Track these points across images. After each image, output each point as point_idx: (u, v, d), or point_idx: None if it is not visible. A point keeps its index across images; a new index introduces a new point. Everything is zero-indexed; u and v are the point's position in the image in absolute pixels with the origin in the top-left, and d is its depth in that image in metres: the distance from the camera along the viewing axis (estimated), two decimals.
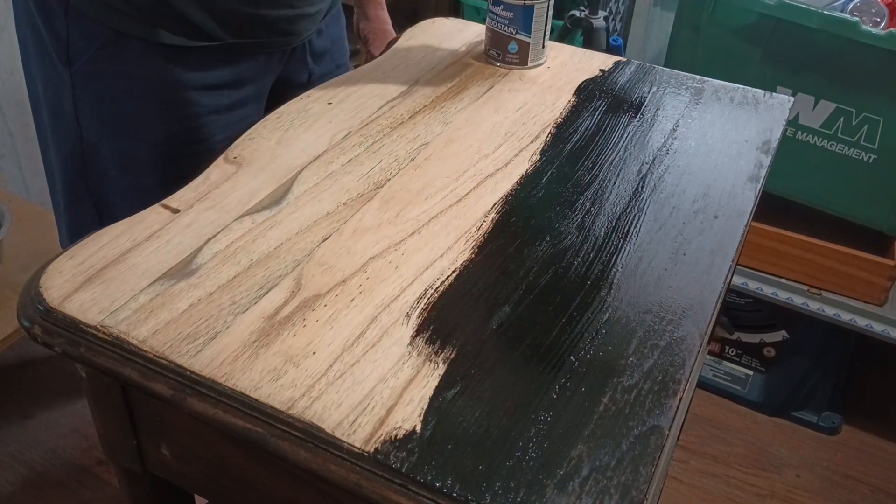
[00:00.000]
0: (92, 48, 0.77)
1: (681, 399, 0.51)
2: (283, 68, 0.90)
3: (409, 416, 0.48)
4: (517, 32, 0.89)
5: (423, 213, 0.66)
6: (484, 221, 0.66)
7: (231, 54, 0.82)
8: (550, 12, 0.90)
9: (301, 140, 0.75)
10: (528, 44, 0.90)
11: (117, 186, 0.83)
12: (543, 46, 0.92)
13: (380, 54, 0.99)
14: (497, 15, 0.89)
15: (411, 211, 0.67)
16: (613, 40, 1.60)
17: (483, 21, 0.95)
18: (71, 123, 0.80)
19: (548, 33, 0.91)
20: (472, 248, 0.63)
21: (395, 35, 1.10)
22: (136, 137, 0.80)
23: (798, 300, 1.48)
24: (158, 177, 0.81)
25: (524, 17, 0.88)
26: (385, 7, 1.12)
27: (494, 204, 0.68)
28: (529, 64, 0.92)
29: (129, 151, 0.81)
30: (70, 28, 0.77)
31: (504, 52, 0.91)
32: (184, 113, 0.81)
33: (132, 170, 0.82)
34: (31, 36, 0.81)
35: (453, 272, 0.60)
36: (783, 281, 1.48)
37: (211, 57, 0.81)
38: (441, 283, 0.59)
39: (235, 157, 0.71)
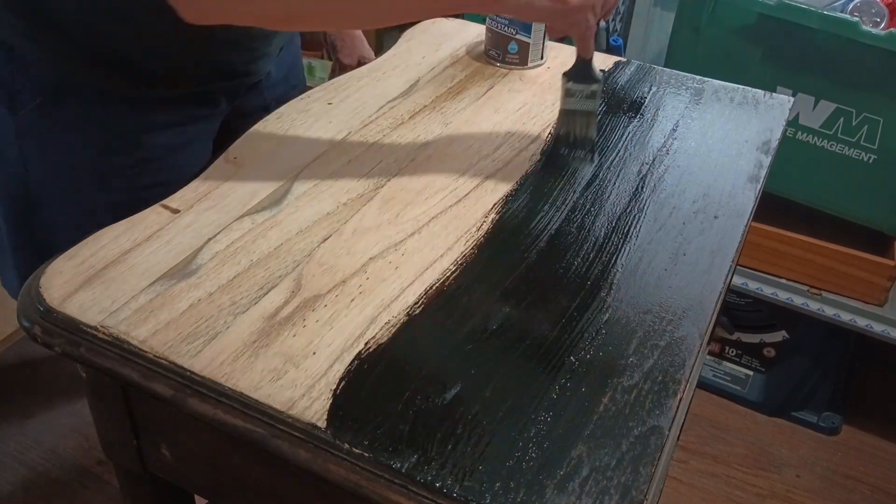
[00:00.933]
0: (37, 96, 0.73)
1: (681, 399, 0.51)
2: (240, 100, 0.87)
3: (409, 418, 0.48)
4: (517, 33, 0.89)
5: (424, 214, 0.66)
6: (484, 222, 0.66)
7: (186, 97, 0.79)
8: None
9: (301, 140, 0.75)
10: (528, 44, 0.90)
11: (63, 227, 0.79)
12: (543, 47, 0.92)
13: (351, 68, 0.98)
14: (497, 15, 0.89)
15: (411, 211, 0.67)
16: (613, 40, 1.59)
17: (483, 22, 0.95)
18: (16, 165, 0.76)
19: (547, 34, 0.91)
20: (473, 248, 0.63)
21: (365, 41, 1.07)
22: (88, 186, 0.77)
23: (798, 300, 1.48)
24: (113, 221, 0.75)
25: None
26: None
27: (494, 204, 0.68)
28: (529, 64, 0.92)
29: (79, 193, 0.78)
30: (15, 74, 0.73)
31: (504, 53, 0.91)
32: (137, 158, 0.78)
33: (82, 209, 0.79)
34: None
35: (453, 272, 0.60)
36: (783, 281, 1.48)
37: (165, 102, 0.78)
38: (441, 284, 0.59)
39: (235, 158, 0.71)
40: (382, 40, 1.97)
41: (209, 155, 0.84)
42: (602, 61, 0.95)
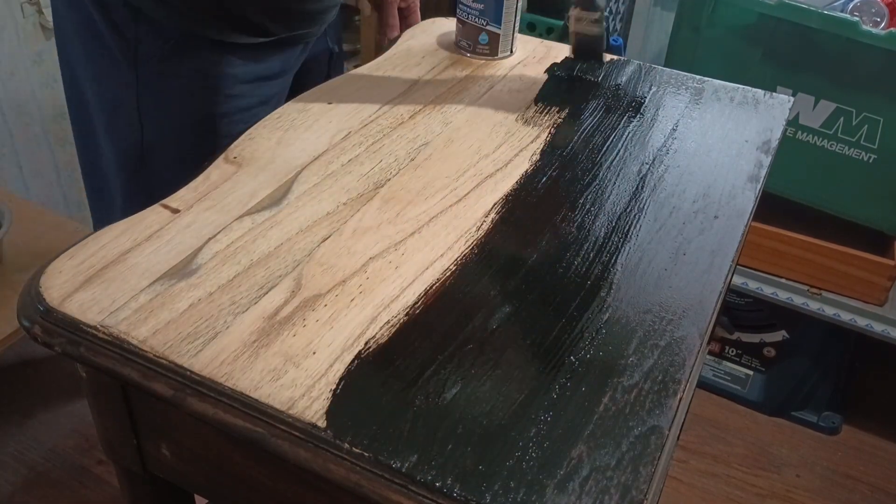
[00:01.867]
0: (161, 50, 0.81)
1: (681, 399, 0.51)
2: (311, 51, 0.97)
3: (409, 417, 0.48)
4: (487, 24, 0.90)
5: (424, 213, 0.66)
6: (484, 221, 0.66)
7: (279, 47, 0.88)
8: (520, 3, 0.91)
9: (301, 140, 0.75)
10: (499, 35, 0.91)
11: (172, 187, 0.83)
12: (513, 38, 0.93)
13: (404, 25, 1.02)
14: (467, 6, 0.91)
15: (411, 211, 0.67)
16: (613, 40, 1.60)
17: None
18: (132, 123, 0.83)
19: (517, 24, 0.93)
20: (473, 248, 0.63)
21: (418, 12, 1.08)
22: (196, 134, 0.85)
23: (798, 300, 1.48)
24: (180, 162, 0.84)
25: (495, 9, 0.90)
26: None
27: (495, 204, 0.68)
28: (499, 55, 0.93)
29: (189, 149, 0.85)
30: (139, 32, 0.80)
31: (475, 44, 0.92)
32: (240, 105, 0.86)
33: (190, 168, 0.83)
34: (86, 35, 0.83)
35: (453, 272, 0.60)
36: (783, 281, 1.48)
37: (262, 51, 0.86)
38: (441, 283, 0.59)
39: (235, 157, 0.71)
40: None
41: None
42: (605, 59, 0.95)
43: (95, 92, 0.86)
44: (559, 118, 0.82)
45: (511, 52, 0.94)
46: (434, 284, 0.59)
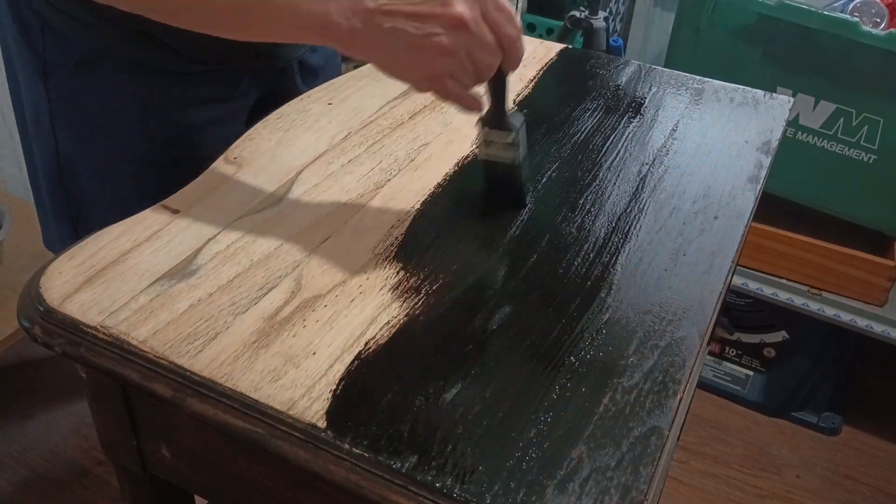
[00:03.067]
0: (68, 64, 0.75)
1: (681, 400, 0.51)
2: (271, 85, 0.86)
3: (409, 418, 0.48)
4: None
5: None
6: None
7: (213, 74, 0.79)
8: (521, 4, 0.90)
9: (301, 140, 0.75)
10: None
11: (94, 199, 0.81)
12: None
13: None
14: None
15: (411, 211, 0.67)
16: (613, 41, 1.60)
17: None
18: (48, 134, 0.79)
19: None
20: (472, 247, 0.63)
21: None
22: (114, 152, 0.78)
23: (798, 300, 1.48)
24: (137, 193, 0.78)
25: None
26: None
27: (495, 204, 0.68)
28: None
29: (107, 166, 0.79)
30: (46, 43, 0.75)
31: None
32: (164, 129, 0.78)
33: (109, 184, 0.80)
34: (13, 46, 0.79)
35: (454, 272, 0.60)
36: (783, 281, 1.48)
37: (191, 76, 0.78)
38: (442, 284, 0.59)
39: (235, 158, 0.71)
40: None
41: (239, 136, 0.82)
42: (599, 57, 0.95)
43: (25, 101, 0.82)
44: (559, 118, 0.82)
45: None
46: (434, 285, 0.59)
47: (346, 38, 0.55)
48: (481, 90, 0.61)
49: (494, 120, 0.64)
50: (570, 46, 0.97)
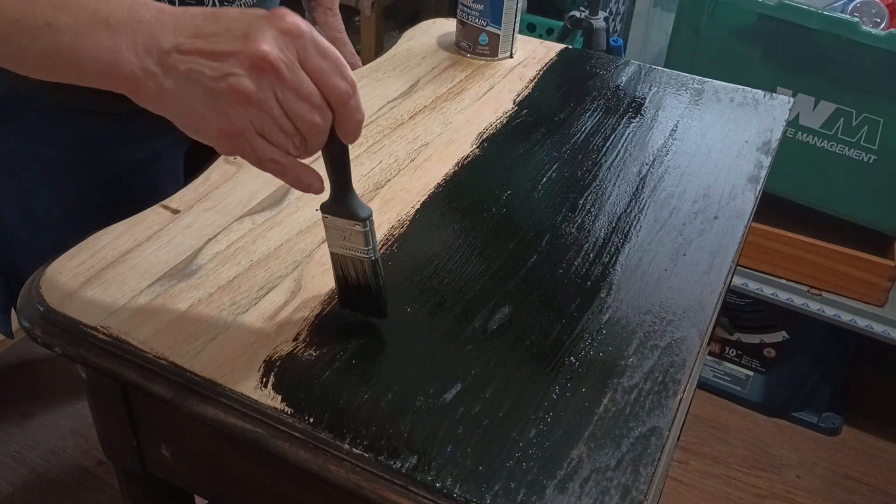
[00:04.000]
0: None
1: (681, 400, 0.51)
2: None
3: (409, 418, 0.48)
4: (487, 24, 0.90)
5: None
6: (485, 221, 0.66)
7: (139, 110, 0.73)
8: (521, 4, 0.91)
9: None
10: (499, 36, 0.91)
11: (27, 247, 0.77)
12: (513, 39, 0.93)
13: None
14: (468, 7, 0.91)
15: (411, 211, 0.67)
16: (613, 41, 1.60)
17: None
18: None
19: (518, 25, 0.93)
20: (474, 247, 0.63)
21: (349, 44, 1.01)
22: (45, 198, 0.74)
23: (798, 301, 1.48)
24: (75, 236, 0.69)
25: (494, 10, 0.90)
26: (337, 13, 0.99)
27: (495, 204, 0.68)
28: (499, 56, 0.93)
29: (42, 213, 0.75)
30: None
31: (475, 44, 0.92)
32: (100, 172, 0.73)
33: (45, 231, 0.76)
34: None
35: (454, 271, 0.60)
36: (783, 281, 1.48)
37: (120, 114, 0.71)
38: (441, 284, 0.59)
39: (235, 158, 0.71)
40: (382, 40, 1.98)
41: (179, 170, 0.80)
42: (599, 58, 0.95)
43: None
44: (559, 119, 0.82)
45: (511, 54, 0.94)
46: (435, 285, 0.59)
47: (138, 82, 0.45)
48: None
49: (336, 205, 0.51)
50: (569, 46, 0.97)
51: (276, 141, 0.45)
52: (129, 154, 0.74)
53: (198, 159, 0.69)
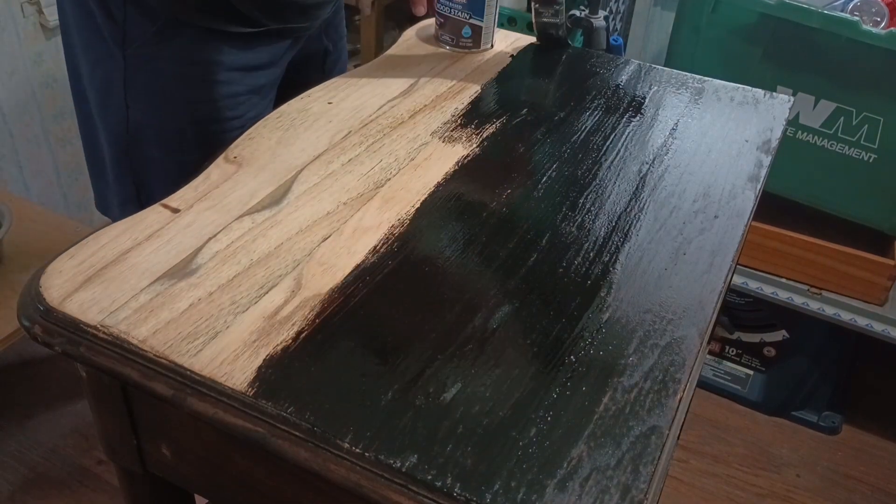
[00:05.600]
0: (147, 33, 0.82)
1: (681, 399, 0.51)
2: (303, 49, 0.97)
3: (409, 417, 0.48)
4: (471, 17, 0.92)
5: None
6: (486, 221, 0.66)
7: (268, 38, 0.89)
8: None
9: (301, 140, 0.75)
10: (482, 28, 0.93)
11: (159, 166, 0.89)
12: (493, 31, 0.95)
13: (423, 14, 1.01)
14: (450, 1, 0.92)
15: (411, 211, 0.67)
16: (613, 40, 1.59)
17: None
18: (119, 103, 0.86)
19: (497, 16, 0.94)
20: (474, 247, 0.63)
21: None
22: (182, 118, 0.86)
23: (798, 300, 1.48)
24: (200, 154, 0.86)
25: (477, 2, 0.91)
26: None
27: (495, 203, 0.68)
28: (482, 47, 0.94)
29: (174, 131, 0.87)
30: (127, 13, 0.82)
31: (458, 37, 0.93)
32: (227, 92, 0.87)
33: (175, 149, 0.88)
34: (83, 20, 0.86)
35: (454, 271, 0.60)
36: (783, 281, 1.48)
37: (252, 41, 0.87)
38: (441, 283, 0.59)
39: (235, 157, 0.71)
40: (382, 39, 1.97)
41: (273, 100, 0.95)
42: (600, 57, 0.95)
43: (89, 71, 0.89)
44: (559, 118, 0.82)
45: (492, 45, 0.96)
46: (435, 284, 0.59)
47: None
48: None
49: None
50: (570, 45, 0.97)
51: None
52: (251, 79, 0.89)
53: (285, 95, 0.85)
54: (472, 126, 0.79)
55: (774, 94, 0.90)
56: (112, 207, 0.96)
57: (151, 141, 0.88)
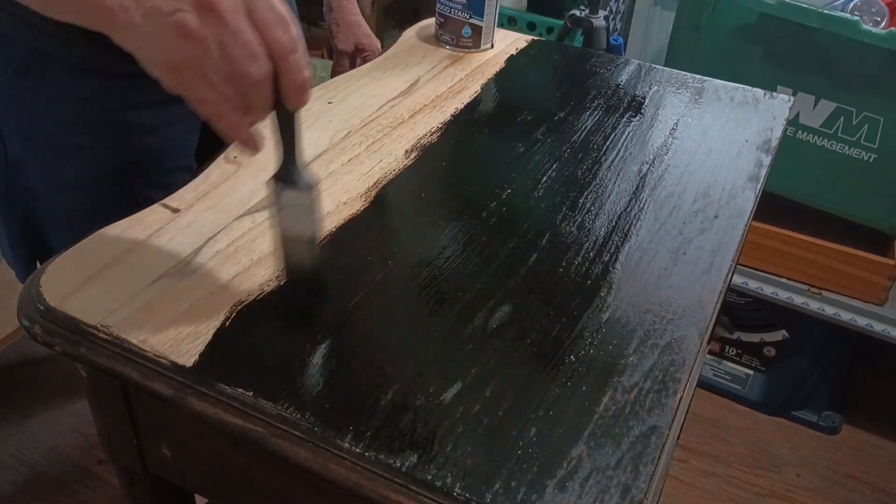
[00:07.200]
0: (10, 68, 0.73)
1: (681, 398, 0.51)
2: None
3: (409, 417, 0.48)
4: (471, 17, 0.92)
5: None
6: (486, 221, 0.66)
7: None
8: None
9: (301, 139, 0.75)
10: (482, 27, 0.93)
11: (46, 205, 0.81)
12: (494, 30, 0.95)
13: (348, 55, 1.01)
14: (450, 1, 0.92)
15: (412, 210, 0.67)
16: (614, 39, 1.59)
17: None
18: None
19: (497, 16, 0.94)
20: (474, 247, 0.63)
21: (364, 26, 1.08)
22: (64, 160, 0.77)
23: (798, 300, 1.48)
24: (90, 200, 0.77)
25: (477, 2, 0.91)
26: None
27: (496, 202, 0.68)
28: (482, 47, 0.95)
29: (57, 173, 0.78)
30: None
31: (458, 37, 0.93)
32: (118, 135, 0.77)
33: (60, 191, 0.79)
34: None
35: (455, 272, 0.60)
36: (783, 280, 1.48)
37: (138, 76, 0.73)
38: (441, 283, 0.59)
39: (235, 157, 0.71)
40: (382, 39, 1.97)
41: (194, 140, 0.83)
42: (601, 56, 0.95)
43: None
44: (560, 118, 0.82)
45: (492, 44, 0.96)
46: (435, 284, 0.59)
47: (115, 15, 0.48)
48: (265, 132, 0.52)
49: (282, 173, 0.54)
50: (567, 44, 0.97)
51: (214, 84, 0.47)
52: (141, 116, 0.77)
53: (211, 147, 0.73)
54: (472, 126, 0.79)
55: (774, 93, 0.90)
56: (6, 251, 0.86)
57: (35, 179, 0.79)
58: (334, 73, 1.06)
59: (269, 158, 0.71)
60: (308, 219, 0.53)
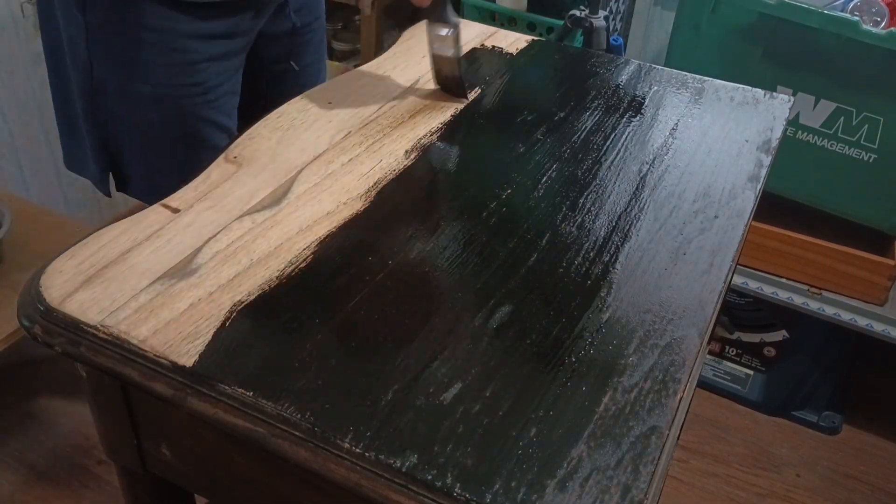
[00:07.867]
0: (107, 2, 0.87)
1: (681, 399, 0.51)
2: (266, 21, 1.00)
3: (409, 417, 0.48)
4: None
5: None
6: (486, 221, 0.66)
7: (227, 9, 0.92)
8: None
9: (301, 139, 0.75)
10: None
11: (123, 123, 0.95)
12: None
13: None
14: None
15: (412, 209, 0.67)
16: (614, 40, 1.59)
17: (483, 20, 0.95)
18: (84, 63, 0.92)
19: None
20: (475, 247, 0.63)
21: None
22: (141, 79, 0.91)
23: (798, 300, 1.48)
24: (160, 115, 0.94)
25: None
26: None
27: (496, 202, 0.68)
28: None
29: (134, 91, 0.92)
30: None
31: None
32: (184, 59, 0.91)
33: (136, 108, 0.93)
34: None
35: (455, 271, 0.60)
36: (783, 280, 1.48)
37: (210, 11, 0.91)
38: (441, 283, 0.59)
39: (235, 157, 0.71)
40: (382, 39, 1.97)
41: (239, 73, 1.00)
42: (601, 57, 0.95)
43: (62, 27, 0.94)
44: (560, 118, 0.82)
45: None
46: (435, 284, 0.59)
47: None
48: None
49: (434, 13, 0.75)
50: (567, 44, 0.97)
51: None
52: (207, 47, 0.93)
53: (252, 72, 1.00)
54: (472, 126, 0.79)
55: (774, 93, 0.90)
56: (80, 161, 1.02)
57: (116, 97, 0.93)
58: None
59: (268, 158, 0.71)
60: (453, 44, 0.77)
